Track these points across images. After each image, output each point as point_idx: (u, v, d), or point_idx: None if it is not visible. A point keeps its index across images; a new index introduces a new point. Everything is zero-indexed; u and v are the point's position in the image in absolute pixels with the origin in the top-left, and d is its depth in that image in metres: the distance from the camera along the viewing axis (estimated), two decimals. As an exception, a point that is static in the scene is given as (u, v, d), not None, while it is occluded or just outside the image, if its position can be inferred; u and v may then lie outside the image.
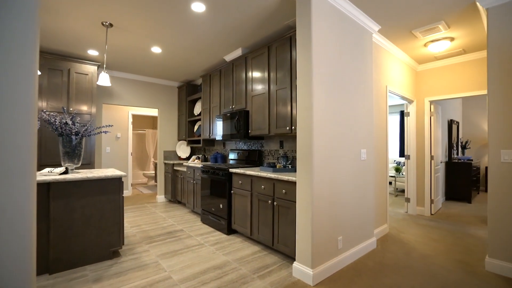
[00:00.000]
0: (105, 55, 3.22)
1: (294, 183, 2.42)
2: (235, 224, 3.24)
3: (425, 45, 3.48)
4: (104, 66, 2.92)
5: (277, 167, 3.02)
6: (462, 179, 5.28)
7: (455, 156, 5.98)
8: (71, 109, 3.76)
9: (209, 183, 3.69)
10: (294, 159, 3.24)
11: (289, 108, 2.88)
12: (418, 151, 4.38)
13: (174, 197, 5.09)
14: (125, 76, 4.88)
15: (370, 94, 2.93)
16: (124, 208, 4.75)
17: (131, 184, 6.10)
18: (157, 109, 5.92)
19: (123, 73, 4.85)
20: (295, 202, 2.41)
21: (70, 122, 2.50)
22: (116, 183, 2.58)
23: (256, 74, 3.39)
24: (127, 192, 5.99)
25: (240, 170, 3.12)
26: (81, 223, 2.39)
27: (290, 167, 3.04)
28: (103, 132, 2.83)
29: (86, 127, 2.61)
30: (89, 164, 3.89)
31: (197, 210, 4.15)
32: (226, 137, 3.80)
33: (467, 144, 6.45)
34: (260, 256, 2.66)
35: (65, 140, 2.50)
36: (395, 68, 3.72)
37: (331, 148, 2.34)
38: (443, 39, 3.26)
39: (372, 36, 2.98)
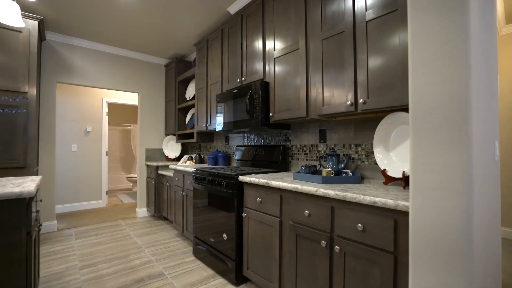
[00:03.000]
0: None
1: (390, 211, 1.12)
2: (249, 269, 1.92)
3: (548, -22, 2.20)
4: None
5: (324, 174, 1.71)
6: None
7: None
8: (-10, 82, 2.43)
9: (205, 197, 2.38)
10: (350, 160, 1.93)
11: (351, 66, 1.58)
12: None
13: (159, 212, 3.77)
14: (90, 46, 3.56)
15: (495, 52, 1.63)
16: (88, 227, 3.41)
17: (106, 191, 4.76)
18: (137, 94, 4.63)
19: (87, 42, 3.52)
20: (393, 253, 1.11)
21: None
22: (13, 211, 1.26)
23: (282, 22, 2.08)
24: (100, 203, 4.65)
25: (259, 179, 1.81)
26: None
27: (350, 173, 1.74)
28: None
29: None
30: (23, 168, 2.56)
31: (188, 234, 2.83)
32: (231, 127, 2.49)
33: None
34: None
35: None
36: (490, 21, 2.43)
37: (480, 134, 1.03)
38: None
39: None
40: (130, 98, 5.15)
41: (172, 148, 4.26)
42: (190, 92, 3.79)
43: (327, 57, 1.74)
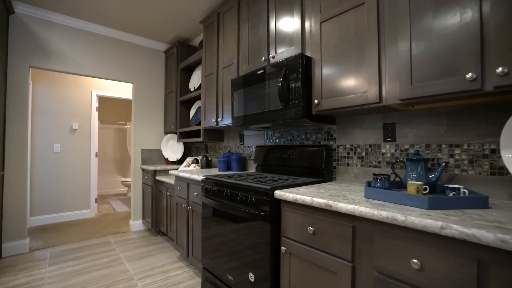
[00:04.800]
0: None
1: None
2: (291, 331, 1.29)
3: None
4: None
5: (413, 190, 1.08)
6: None
7: None
8: None
9: (220, 216, 1.74)
10: (449, 167, 1.30)
11: (473, 10, 0.95)
12: None
13: (157, 226, 3.13)
14: (72, 23, 2.91)
15: None
16: (68, 246, 2.76)
17: (96, 199, 4.10)
18: (131, 85, 4.01)
19: (68, 18, 2.87)
20: None
21: None
22: None
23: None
24: (88, 212, 3.99)
25: (312, 198, 1.17)
26: None
27: (465, 191, 1.10)
28: None
29: None
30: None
31: (194, 261, 2.19)
32: (249, 122, 1.86)
33: None
34: None
35: None
36: None
37: None
38: None
39: None
40: (125, 92, 4.49)
41: (172, 149, 3.62)
42: (195, 81, 3.15)
43: (417, 8, 1.11)
